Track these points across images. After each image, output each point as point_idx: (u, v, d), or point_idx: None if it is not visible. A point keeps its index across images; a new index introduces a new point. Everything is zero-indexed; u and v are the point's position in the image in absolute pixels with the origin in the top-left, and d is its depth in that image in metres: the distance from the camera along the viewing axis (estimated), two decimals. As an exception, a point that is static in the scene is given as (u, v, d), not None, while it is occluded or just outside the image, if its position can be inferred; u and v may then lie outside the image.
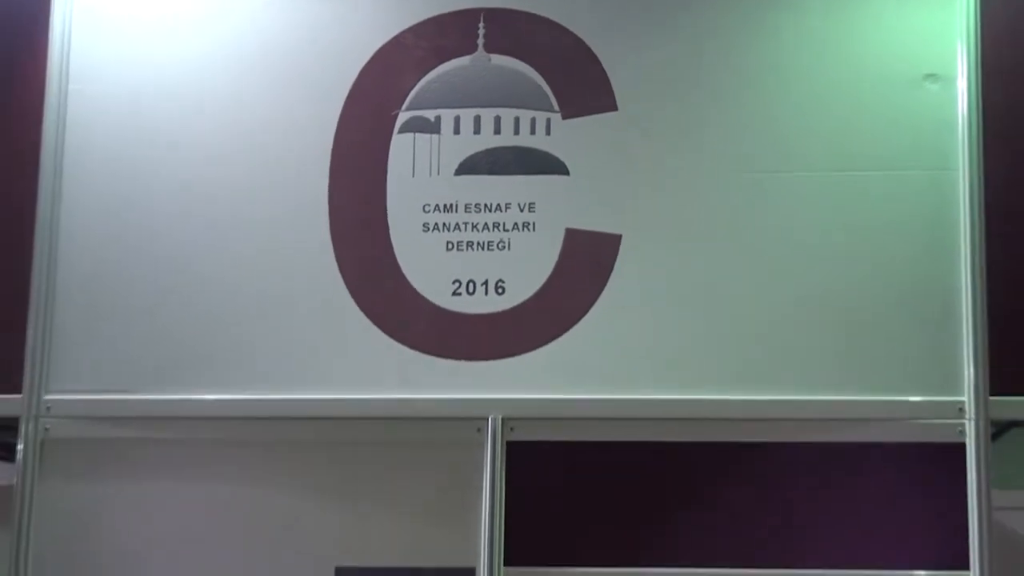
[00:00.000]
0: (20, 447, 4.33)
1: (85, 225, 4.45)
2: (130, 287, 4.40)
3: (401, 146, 4.42)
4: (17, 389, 4.35)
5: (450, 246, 4.37)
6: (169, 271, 4.40)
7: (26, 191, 4.46)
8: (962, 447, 4.10)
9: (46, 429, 4.33)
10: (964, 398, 4.13)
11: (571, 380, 4.25)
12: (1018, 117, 4.28)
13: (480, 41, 4.43)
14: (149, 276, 4.40)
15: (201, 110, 4.49)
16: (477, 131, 4.41)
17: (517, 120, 4.40)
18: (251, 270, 4.39)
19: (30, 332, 4.35)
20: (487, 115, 4.41)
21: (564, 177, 4.36)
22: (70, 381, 4.35)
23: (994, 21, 4.29)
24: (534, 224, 4.35)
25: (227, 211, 4.43)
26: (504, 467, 4.21)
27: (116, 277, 4.41)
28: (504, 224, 4.36)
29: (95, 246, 4.43)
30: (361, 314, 4.35)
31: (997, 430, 4.19)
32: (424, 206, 4.39)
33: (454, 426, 4.25)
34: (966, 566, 4.04)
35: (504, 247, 4.35)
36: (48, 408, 4.33)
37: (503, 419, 4.22)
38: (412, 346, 4.32)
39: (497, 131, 4.40)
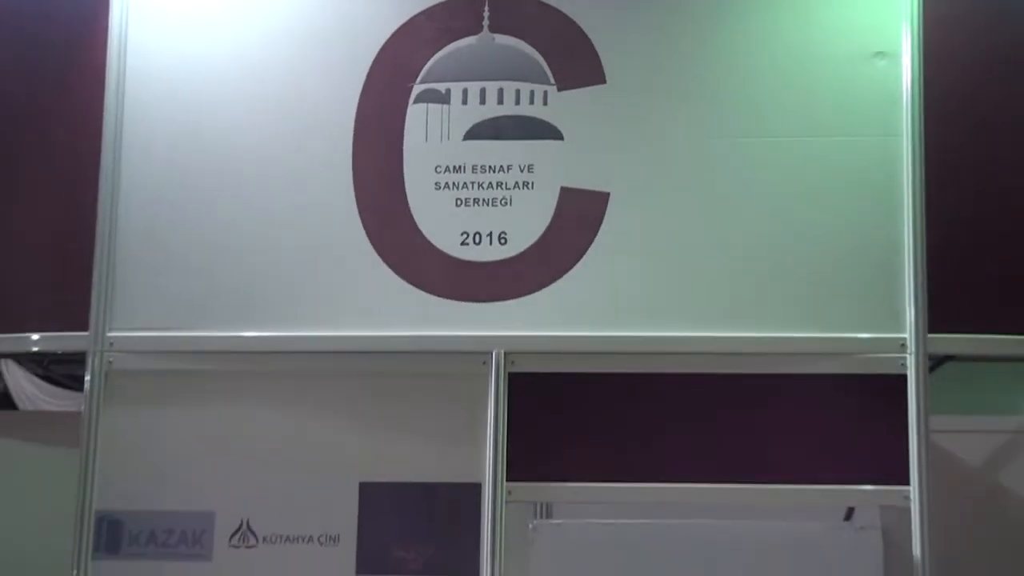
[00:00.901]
0: (87, 378, 4.38)
1: (142, 183, 4.49)
2: (182, 238, 4.44)
3: (416, 115, 4.46)
4: (84, 327, 4.38)
5: (459, 202, 4.41)
6: (216, 224, 4.44)
7: (90, 150, 4.48)
8: (903, 378, 4.15)
9: (109, 362, 4.38)
10: (906, 335, 4.18)
11: (565, 319, 4.30)
12: (954, 90, 4.30)
13: (485, 23, 4.45)
14: (198, 228, 4.44)
15: (242, 85, 4.53)
16: (483, 101, 4.44)
17: (518, 92, 4.43)
18: (286, 223, 4.43)
19: (95, 277, 4.39)
20: (491, 87, 4.44)
21: (559, 142, 4.40)
22: (130, 319, 4.40)
23: (936, 5, 4.31)
24: (532, 183, 4.39)
25: (265, 171, 4.47)
26: (506, 396, 4.26)
27: (170, 229, 4.45)
28: (506, 183, 4.40)
29: (151, 202, 4.48)
30: (381, 261, 4.39)
31: (934, 363, 4.25)
32: (436, 167, 4.43)
33: (462, 360, 4.31)
34: (906, 481, 4.08)
35: (506, 203, 4.39)
36: (111, 344, 4.38)
37: (505, 353, 4.28)
38: (426, 290, 4.36)
39: (500, 101, 4.43)
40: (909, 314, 4.21)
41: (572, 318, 4.32)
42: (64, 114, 4.64)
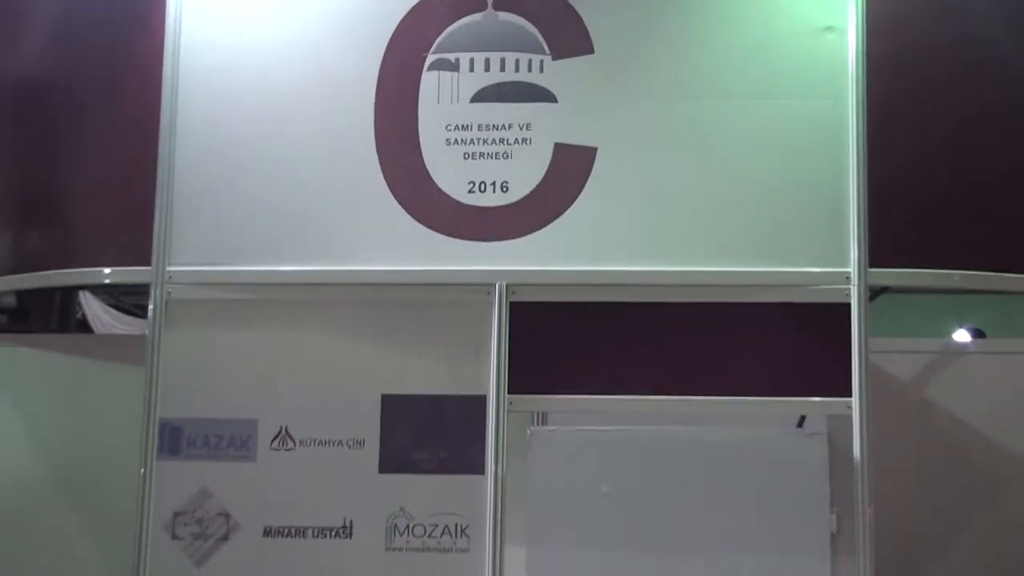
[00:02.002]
0: (150, 307, 4.39)
1: (196, 142, 4.50)
2: (230, 188, 4.46)
3: (429, 80, 4.45)
4: (147, 262, 4.40)
5: (466, 156, 4.41)
6: (259, 176, 4.45)
7: (151, 111, 4.49)
8: (847, 306, 4.18)
9: (169, 293, 4.40)
10: (849, 270, 4.20)
11: (558, 256, 4.32)
12: (893, 59, 4.30)
13: (490, 1, 4.45)
14: (244, 180, 4.45)
15: (283, 57, 4.53)
16: (487, 69, 4.44)
17: (517, 61, 4.42)
18: (318, 175, 4.45)
19: (156, 220, 4.41)
20: (495, 57, 4.44)
21: (553, 104, 4.40)
22: (186, 256, 4.42)
23: (879, -16, 4.33)
24: (530, 139, 4.39)
25: (301, 130, 4.48)
26: (507, 321, 4.28)
27: (220, 181, 4.46)
28: (507, 139, 4.40)
29: (203, 158, 4.49)
30: (399, 207, 4.41)
31: (873, 294, 4.31)
32: (446, 126, 4.43)
33: (470, 290, 4.33)
34: (848, 393, 4.11)
35: (508, 157, 4.39)
36: (170, 277, 4.40)
37: (507, 285, 4.30)
38: (438, 231, 4.38)
39: (502, 69, 4.43)
40: (852, 251, 4.23)
41: (564, 255, 4.33)
42: (128, 80, 4.64)
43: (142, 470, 4.33)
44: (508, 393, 4.27)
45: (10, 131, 4.89)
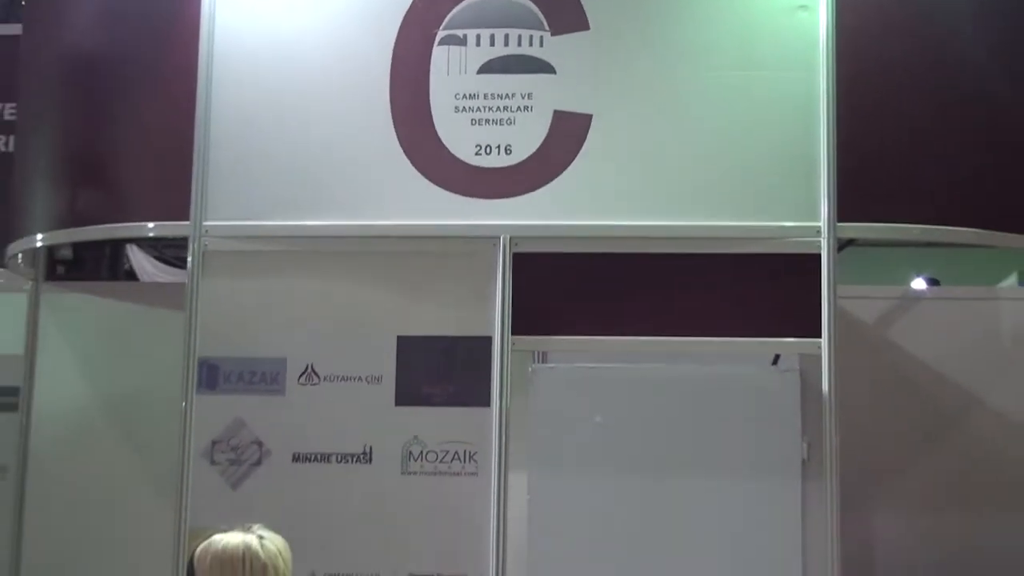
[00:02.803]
0: (189, 258, 4.38)
1: (228, 113, 4.45)
2: (259, 153, 4.41)
3: (439, 54, 4.40)
4: (186, 216, 4.37)
5: (473, 122, 4.36)
6: (286, 139, 4.40)
7: (188, 80, 4.44)
8: (818, 256, 4.14)
9: (206, 245, 4.36)
10: (820, 224, 4.16)
11: (557, 211, 4.28)
12: (862, 35, 4.25)
13: None
14: (273, 141, 4.40)
15: (309, 34, 4.49)
16: (492, 44, 4.38)
17: (520, 36, 4.37)
18: (340, 139, 4.40)
19: (194, 181, 4.37)
20: (499, 33, 4.38)
21: (552, 75, 4.34)
22: (221, 212, 4.37)
23: (848, -34, 4.28)
24: (531, 107, 4.34)
25: (325, 100, 4.43)
26: (511, 270, 4.25)
27: (250, 147, 4.41)
28: (511, 107, 4.35)
29: (236, 127, 4.43)
30: (413, 168, 4.36)
31: (840, 245, 4.23)
32: (455, 95, 4.38)
33: (477, 242, 4.30)
34: (818, 335, 4.09)
35: (511, 123, 4.34)
36: (206, 231, 4.36)
37: (510, 238, 4.26)
38: (448, 189, 4.34)
39: (506, 44, 4.37)
40: (822, 208, 4.19)
41: (562, 211, 4.29)
42: (168, 56, 4.58)
43: (183, 403, 4.31)
44: (511, 334, 4.24)
45: (65, 102, 4.83)
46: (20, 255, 5.01)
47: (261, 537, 3.00)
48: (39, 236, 4.77)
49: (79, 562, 4.83)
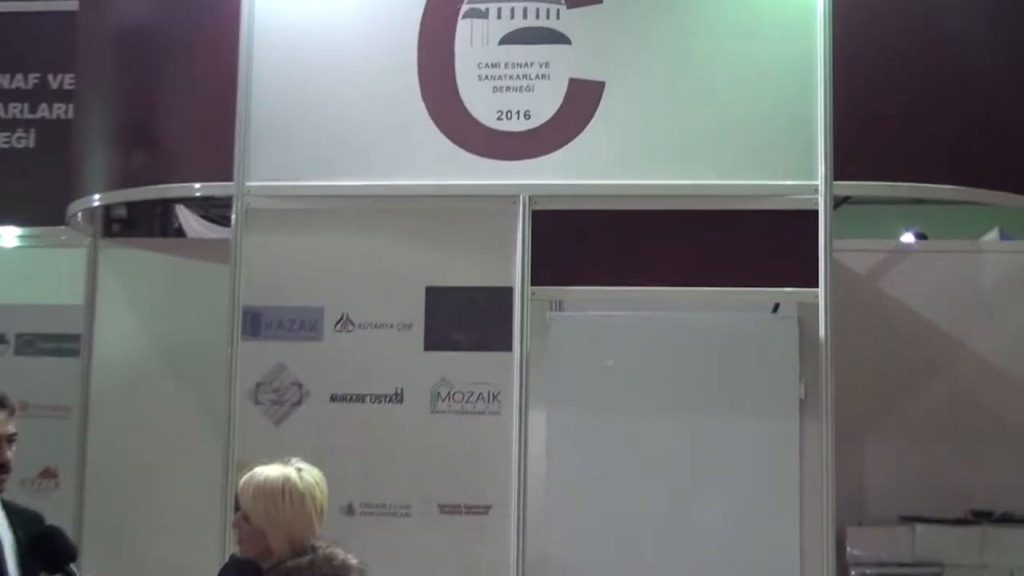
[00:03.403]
0: (233, 215, 4.37)
1: (268, 83, 4.41)
2: (298, 114, 4.38)
3: (463, 26, 4.35)
4: (229, 177, 4.35)
5: (495, 89, 4.32)
6: (322, 106, 4.37)
7: (231, 52, 4.40)
8: (815, 213, 4.10)
9: (248, 204, 4.34)
10: (818, 182, 4.12)
11: (572, 172, 4.23)
12: (856, 7, 4.18)
13: None
14: (310, 108, 4.37)
15: (339, 8, 4.46)
16: (512, 17, 4.33)
17: (538, 10, 4.31)
18: (371, 105, 4.37)
19: (236, 142, 4.34)
20: (519, 6, 4.33)
21: (568, 45, 4.29)
22: (261, 174, 4.34)
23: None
24: (549, 75, 4.29)
25: (356, 68, 4.39)
26: (530, 226, 4.21)
27: (289, 109, 4.38)
28: (529, 75, 4.31)
29: (276, 90, 4.40)
30: (439, 132, 4.32)
31: (836, 202, 4.19)
32: (478, 64, 4.33)
33: (499, 200, 4.26)
34: (815, 284, 4.06)
35: (530, 90, 4.30)
36: (249, 190, 4.34)
37: (529, 196, 4.23)
38: (472, 152, 4.31)
39: (525, 16, 4.32)
40: (820, 168, 4.14)
41: (578, 171, 4.25)
42: (213, 28, 4.54)
43: (229, 349, 4.32)
44: (531, 285, 4.23)
45: (119, 72, 4.79)
46: (79, 214, 4.97)
47: (299, 469, 2.99)
48: (96, 196, 4.76)
49: (137, 492, 4.84)
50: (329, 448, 4.11)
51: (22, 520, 3.32)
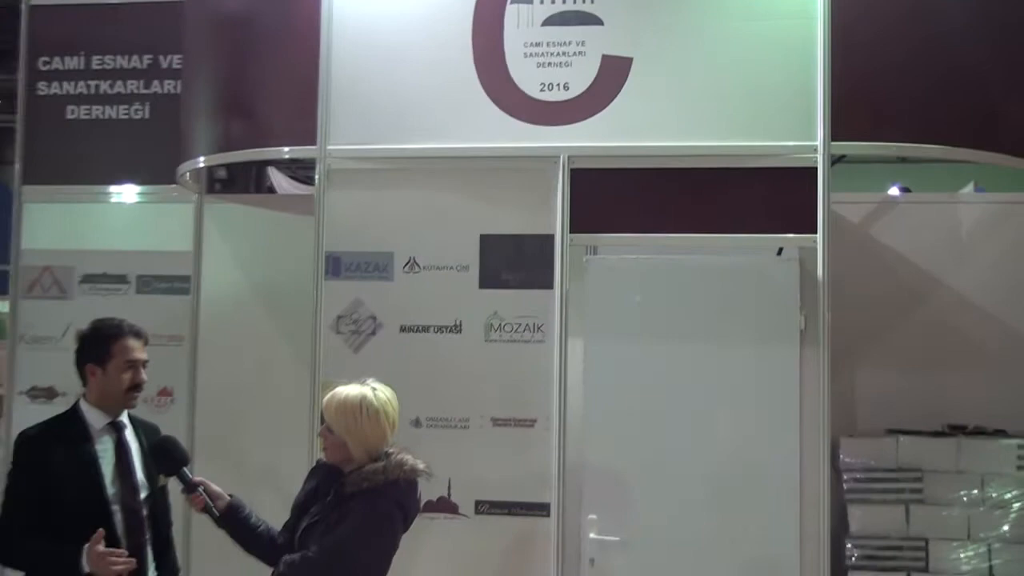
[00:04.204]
0: (316, 175, 4.37)
1: (346, 60, 4.36)
2: (372, 88, 4.34)
3: (511, 11, 4.28)
4: (313, 142, 4.33)
5: (538, 64, 4.25)
6: (392, 80, 4.33)
7: (314, 31, 4.37)
8: (815, 169, 4.04)
9: (329, 165, 4.33)
10: (817, 143, 4.05)
11: (605, 135, 4.18)
12: None
13: None
14: (382, 82, 4.33)
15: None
16: (553, 2, 4.26)
17: (575, -5, 4.30)
18: (433, 79, 4.31)
19: (319, 111, 4.32)
20: (558, -8, 4.32)
21: (600, 26, 4.22)
22: (340, 138, 4.32)
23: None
24: (584, 52, 4.22)
25: (420, 47, 4.34)
26: (569, 182, 4.18)
27: (364, 83, 4.34)
28: (568, 52, 4.24)
29: (352, 67, 4.35)
30: (491, 102, 4.28)
31: (833, 160, 4.11)
32: (524, 43, 4.27)
33: (542, 160, 4.21)
34: (814, 231, 4.02)
35: (568, 65, 4.23)
36: (330, 153, 4.33)
37: (568, 156, 4.19)
38: (519, 119, 4.26)
39: (564, 1, 4.25)
40: (819, 130, 4.07)
41: (610, 134, 4.20)
42: (298, 10, 4.49)
43: (314, 287, 4.33)
44: (570, 232, 4.20)
45: (218, 52, 4.76)
46: (187, 174, 4.98)
47: (374, 389, 3.04)
48: (201, 159, 4.75)
49: (238, 407, 4.90)
50: (399, 371, 4.10)
51: (145, 431, 3.37)
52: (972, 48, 4.23)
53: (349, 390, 3.03)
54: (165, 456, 3.20)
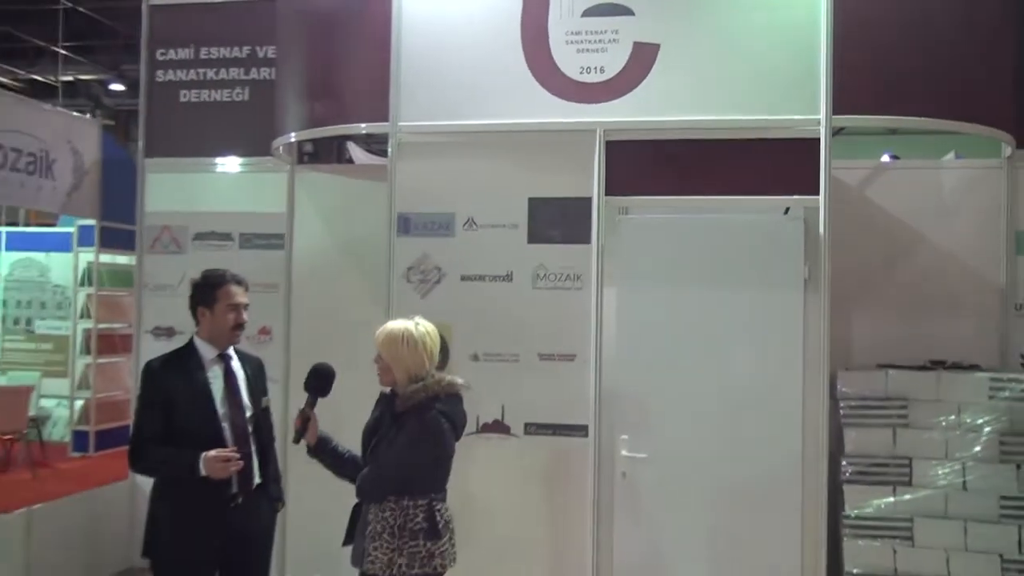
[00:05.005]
0: (389, 148, 4.31)
1: (414, 43, 4.29)
2: (436, 71, 4.26)
3: (555, 4, 4.19)
4: (386, 119, 4.29)
5: (578, 50, 4.17)
6: (453, 65, 4.25)
7: (386, 20, 4.31)
8: (818, 140, 3.94)
9: (400, 138, 4.29)
10: (820, 116, 3.94)
11: (635, 111, 4.09)
12: None
13: None
14: (445, 65, 4.26)
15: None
16: (592, -5, 4.21)
17: (609, -11, 4.18)
18: (488, 64, 4.23)
19: (391, 92, 4.27)
20: (595, -13, 4.21)
21: (632, 16, 4.13)
22: (411, 115, 4.27)
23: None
24: (618, 39, 4.13)
25: (476, 35, 4.25)
26: (604, 152, 4.11)
27: (430, 66, 4.26)
28: (603, 40, 4.15)
29: (419, 54, 4.29)
30: (537, 83, 4.20)
31: (834, 132, 3.99)
32: (566, 32, 4.18)
33: (582, 134, 4.14)
34: (817, 193, 3.92)
35: (604, 51, 4.14)
36: (400, 128, 4.28)
37: (604, 130, 4.11)
38: (562, 98, 4.18)
39: (600, -6, 4.19)
40: (822, 105, 3.96)
41: (640, 111, 4.11)
42: (372, 6, 4.39)
43: (388, 243, 4.31)
44: (605, 195, 4.13)
45: (305, 42, 4.72)
46: (281, 148, 4.97)
47: (417, 323, 3.09)
48: (292, 134, 4.73)
49: (324, 342, 4.69)
50: (460, 314, 4.18)
51: (248, 362, 3.40)
52: (953, 31, 4.10)
53: (396, 324, 3.09)
54: (318, 378, 3.19)
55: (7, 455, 7.72)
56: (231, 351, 3.33)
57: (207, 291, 3.27)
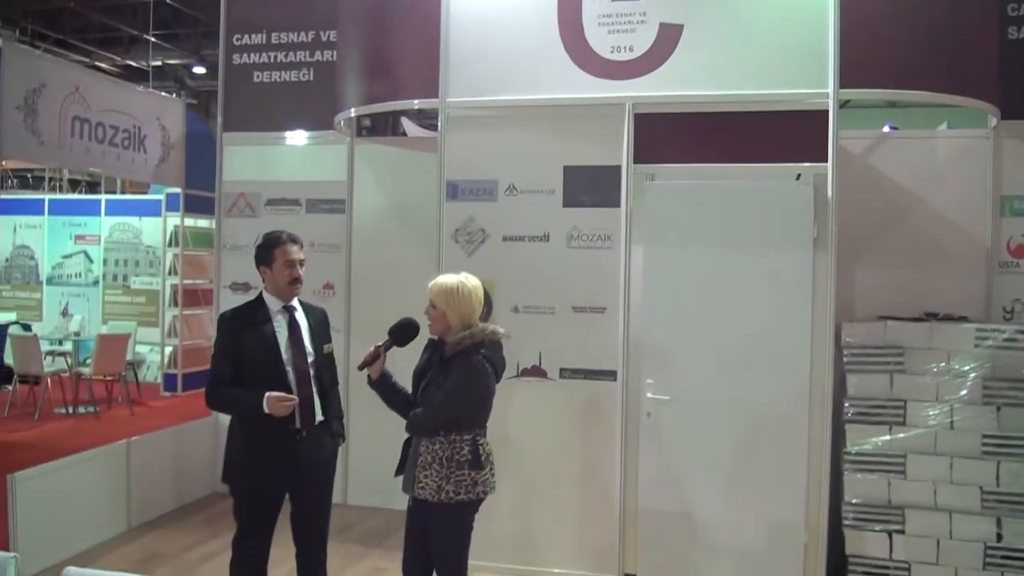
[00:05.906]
0: (439, 122, 4.14)
1: (462, 27, 4.08)
2: (481, 51, 4.06)
3: (587, -9, 4.00)
4: (436, 95, 4.11)
5: (609, 31, 3.93)
6: (497, 46, 4.04)
7: (437, 4, 4.11)
8: (826, 112, 3.70)
9: (449, 113, 4.11)
10: (828, 90, 3.70)
11: (660, 86, 3.86)
12: None
13: None
14: (490, 46, 4.05)
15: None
16: (620, -18, 3.96)
17: (637, -24, 3.93)
18: (528, 44, 4.01)
19: (441, 71, 4.08)
20: (624, -26, 3.95)
21: None
22: (458, 91, 4.08)
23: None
24: (645, 21, 3.89)
25: (517, 20, 4.03)
26: (633, 123, 3.90)
27: (475, 46, 4.06)
28: (632, 21, 3.91)
29: (465, 36, 4.07)
30: (571, 62, 3.97)
31: (841, 104, 3.76)
32: (598, 15, 3.95)
33: (613, 108, 3.92)
34: (825, 160, 3.70)
35: (633, 31, 3.90)
36: (449, 104, 4.10)
37: (632, 103, 3.90)
38: (594, 75, 3.96)
39: (629, -19, 3.94)
40: (830, 80, 3.71)
41: (666, 86, 3.88)
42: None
43: (438, 207, 4.16)
44: (633, 163, 3.93)
45: (363, 28, 4.52)
46: (342, 122, 4.83)
47: (467, 277, 3.01)
48: (352, 110, 4.56)
49: (381, 297, 4.76)
50: (502, 271, 4.03)
51: (312, 313, 3.30)
52: (946, 11, 3.84)
53: (448, 277, 3.00)
54: (403, 330, 3.06)
55: (109, 394, 7.77)
56: (295, 303, 3.23)
57: (266, 251, 3.18)
